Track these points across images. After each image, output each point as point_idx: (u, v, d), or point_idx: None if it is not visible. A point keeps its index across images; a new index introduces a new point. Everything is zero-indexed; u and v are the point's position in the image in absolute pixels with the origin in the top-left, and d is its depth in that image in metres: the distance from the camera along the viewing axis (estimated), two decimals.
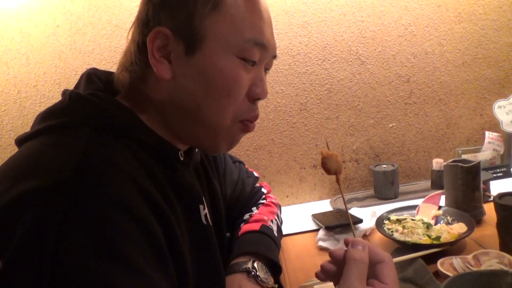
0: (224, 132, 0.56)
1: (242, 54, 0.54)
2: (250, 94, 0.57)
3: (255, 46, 0.54)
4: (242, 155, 1.34)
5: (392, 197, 1.26)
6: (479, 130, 1.41)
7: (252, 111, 0.58)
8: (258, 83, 0.57)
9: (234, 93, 0.54)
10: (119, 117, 0.51)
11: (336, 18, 1.30)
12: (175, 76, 0.53)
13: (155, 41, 0.52)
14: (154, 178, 0.50)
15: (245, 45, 0.53)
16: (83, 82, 0.58)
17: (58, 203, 0.39)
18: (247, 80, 0.55)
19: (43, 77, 1.26)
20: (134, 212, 0.43)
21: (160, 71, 0.52)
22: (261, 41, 0.54)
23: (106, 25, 1.24)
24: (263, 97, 0.58)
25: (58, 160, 0.44)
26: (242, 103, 0.56)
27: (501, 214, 0.80)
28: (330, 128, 1.36)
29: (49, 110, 0.52)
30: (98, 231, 0.39)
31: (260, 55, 0.55)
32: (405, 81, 1.36)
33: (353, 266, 0.47)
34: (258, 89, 0.57)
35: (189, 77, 0.53)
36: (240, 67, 0.54)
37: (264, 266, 0.72)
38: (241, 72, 0.54)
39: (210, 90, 0.53)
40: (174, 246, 0.49)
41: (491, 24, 1.35)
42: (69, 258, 0.37)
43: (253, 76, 0.56)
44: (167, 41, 0.52)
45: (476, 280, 0.53)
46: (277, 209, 0.92)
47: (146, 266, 0.41)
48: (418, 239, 0.89)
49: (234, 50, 0.53)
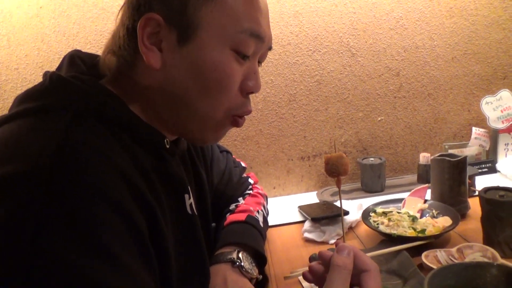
0: (214, 125, 0.55)
1: (236, 47, 0.52)
2: (243, 88, 0.55)
3: (251, 37, 0.52)
4: (230, 145, 1.32)
5: (379, 190, 1.26)
6: (466, 125, 1.42)
7: (245, 106, 0.56)
8: (252, 76, 0.55)
9: (227, 87, 0.53)
10: (103, 101, 0.49)
11: (328, 9, 1.28)
12: (166, 66, 0.50)
13: (145, 28, 0.49)
14: (139, 165, 0.48)
15: (240, 37, 0.51)
16: (65, 64, 0.55)
17: (37, 189, 0.37)
18: (240, 74, 0.54)
19: (24, 59, 1.22)
20: (116, 202, 0.41)
21: (150, 59, 0.50)
22: (257, 32, 0.52)
23: (92, 8, 1.20)
24: (256, 91, 0.56)
25: (36, 144, 0.41)
26: (235, 97, 0.54)
27: (486, 208, 0.81)
28: (319, 120, 1.35)
29: (28, 92, 0.50)
30: (79, 221, 0.37)
31: (255, 47, 0.53)
32: (395, 74, 1.36)
33: (336, 272, 0.48)
34: (251, 82, 0.55)
35: (180, 68, 0.51)
36: (234, 60, 0.52)
37: (249, 256, 0.71)
38: (234, 66, 0.52)
39: (202, 83, 0.51)
40: (158, 237, 0.48)
41: (481, 20, 1.36)
42: (47, 247, 0.35)
43: (247, 69, 0.55)
44: (159, 28, 0.49)
45: (461, 271, 0.54)
46: (263, 199, 0.92)
47: (127, 259, 0.40)
48: (403, 231, 0.89)
49: (229, 42, 0.51)
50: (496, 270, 0.53)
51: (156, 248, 0.47)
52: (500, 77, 1.41)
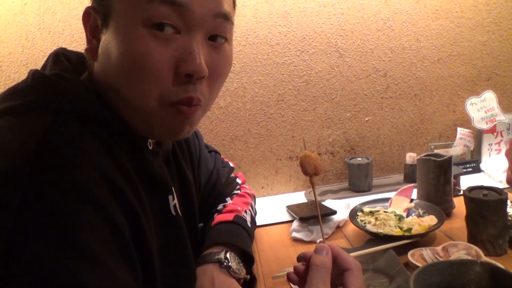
0: (155, 117, 0.49)
1: (148, 20, 0.45)
2: (177, 71, 0.47)
3: (162, 4, 0.45)
4: (218, 145, 1.32)
5: (366, 190, 1.27)
6: (452, 126, 1.44)
7: (183, 92, 0.48)
8: (186, 57, 0.47)
9: (148, 70, 0.46)
10: (85, 100, 0.48)
11: (316, 9, 1.29)
12: (99, 56, 0.50)
13: (88, 22, 0.50)
14: (121, 166, 0.47)
15: (148, 7, 0.45)
16: (50, 62, 0.54)
17: (16, 187, 0.37)
18: (164, 54, 0.46)
19: (8, 57, 1.19)
20: (97, 201, 0.40)
21: (86, 51, 0.51)
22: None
23: (78, 5, 1.18)
24: (197, 74, 0.47)
25: (16, 143, 0.41)
26: (164, 82, 0.47)
27: (470, 207, 0.82)
28: (307, 120, 1.36)
29: (10, 90, 0.49)
30: (57, 220, 0.37)
31: (176, 17, 0.46)
32: (382, 75, 1.37)
33: (315, 272, 0.49)
34: (186, 63, 0.47)
35: (106, 56, 0.49)
36: (149, 37, 0.45)
37: (236, 256, 0.71)
38: (151, 44, 0.45)
39: (123, 69, 0.47)
40: (140, 238, 0.47)
41: (466, 22, 1.38)
42: (25, 246, 0.35)
43: (178, 48, 0.47)
44: (96, 21, 0.50)
45: (446, 269, 0.54)
46: (251, 199, 0.91)
47: (107, 258, 0.39)
48: (390, 230, 0.90)
49: (139, 18, 0.45)
50: (479, 268, 0.54)
51: (138, 250, 0.46)
52: (485, 79, 1.44)
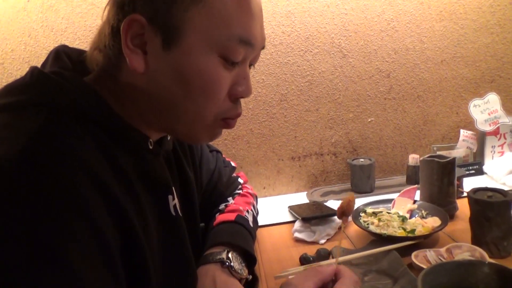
0: (203, 128, 0.53)
1: (224, 53, 0.49)
2: (232, 93, 0.53)
3: (240, 44, 0.49)
4: (220, 145, 1.31)
5: (368, 191, 1.27)
6: (455, 127, 1.44)
7: (234, 110, 0.54)
8: (241, 82, 0.53)
9: (214, 94, 0.50)
10: (83, 99, 0.47)
11: (320, 10, 1.28)
12: (150, 70, 0.48)
13: (129, 30, 0.46)
14: (117, 167, 0.46)
15: (228, 43, 0.48)
16: (50, 59, 0.54)
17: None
18: (228, 80, 0.51)
19: (10, 54, 1.19)
20: (81, 208, 0.39)
21: (133, 62, 0.47)
22: (247, 39, 0.50)
23: (81, 3, 1.18)
24: (246, 96, 0.54)
25: (7, 141, 0.39)
26: (223, 103, 0.52)
27: (474, 208, 0.82)
28: (310, 120, 1.35)
29: (8, 86, 0.48)
30: (38, 226, 0.35)
31: (245, 53, 0.51)
32: (385, 76, 1.36)
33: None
34: (241, 87, 0.53)
35: (165, 74, 0.48)
36: (221, 66, 0.49)
37: (238, 257, 0.70)
38: (221, 72, 0.50)
39: (187, 89, 0.49)
40: (132, 243, 0.46)
41: (470, 24, 1.38)
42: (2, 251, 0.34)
43: (236, 74, 0.52)
44: (143, 30, 0.47)
45: (454, 269, 0.54)
46: (253, 199, 0.91)
47: (87, 272, 0.37)
48: (393, 231, 0.89)
49: (216, 48, 0.48)
50: (488, 268, 0.53)
51: (130, 256, 0.45)
52: (488, 81, 1.43)
